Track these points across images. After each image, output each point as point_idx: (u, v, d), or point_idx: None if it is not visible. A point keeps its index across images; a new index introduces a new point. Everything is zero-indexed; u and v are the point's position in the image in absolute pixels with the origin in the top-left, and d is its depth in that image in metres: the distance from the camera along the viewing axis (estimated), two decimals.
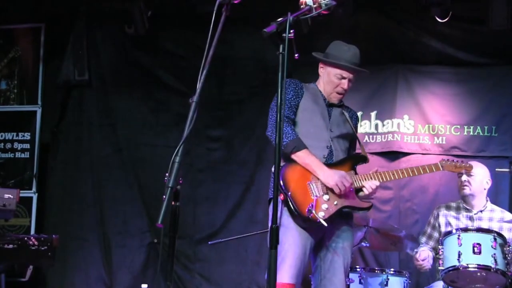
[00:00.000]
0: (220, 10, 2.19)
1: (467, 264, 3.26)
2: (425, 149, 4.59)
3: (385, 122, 4.71)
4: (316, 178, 2.79)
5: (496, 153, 4.55)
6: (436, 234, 3.85)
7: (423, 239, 3.85)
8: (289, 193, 2.74)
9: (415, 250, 3.74)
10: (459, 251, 3.29)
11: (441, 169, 3.09)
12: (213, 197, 4.87)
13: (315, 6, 2.32)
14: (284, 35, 2.17)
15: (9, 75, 5.22)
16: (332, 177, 2.76)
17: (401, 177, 2.94)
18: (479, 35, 4.64)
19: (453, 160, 3.19)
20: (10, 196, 3.64)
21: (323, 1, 2.32)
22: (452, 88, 4.70)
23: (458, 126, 4.62)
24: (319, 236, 2.83)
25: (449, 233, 3.44)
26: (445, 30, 4.63)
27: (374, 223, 3.65)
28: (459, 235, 3.34)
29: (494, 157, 4.54)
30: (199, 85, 2.10)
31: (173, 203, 1.99)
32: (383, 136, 4.70)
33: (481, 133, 4.59)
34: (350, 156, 2.98)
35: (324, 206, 2.75)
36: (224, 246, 4.46)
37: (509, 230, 3.72)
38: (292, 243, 2.75)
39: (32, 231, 4.92)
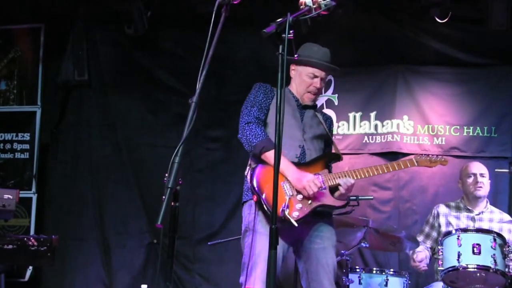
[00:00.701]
0: (219, 11, 2.20)
1: (467, 265, 3.26)
2: (424, 149, 4.58)
3: (384, 123, 4.71)
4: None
5: (496, 153, 4.55)
6: (434, 234, 3.85)
7: (421, 238, 3.85)
8: (263, 195, 2.70)
9: (412, 250, 3.73)
10: (459, 252, 3.28)
11: (415, 164, 3.04)
12: (212, 198, 4.86)
13: (314, 6, 2.32)
14: (283, 35, 2.17)
15: (9, 75, 5.22)
16: (300, 180, 2.72)
17: (376, 173, 2.88)
18: (478, 36, 4.64)
19: (428, 155, 3.12)
20: (9, 196, 3.64)
21: (323, 2, 2.32)
22: (452, 89, 4.70)
23: (458, 127, 4.62)
24: (294, 238, 2.80)
25: (448, 233, 3.44)
26: (445, 31, 4.63)
27: (374, 223, 3.65)
28: (458, 236, 3.33)
29: (493, 157, 4.54)
30: (198, 86, 2.10)
31: (172, 203, 1.99)
32: (382, 136, 4.69)
33: (480, 134, 4.59)
34: (323, 154, 2.95)
35: (298, 205, 2.73)
36: (224, 246, 4.46)
37: (509, 231, 3.73)
38: (263, 248, 2.67)
39: (32, 232, 4.91)
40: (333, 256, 2.83)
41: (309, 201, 2.75)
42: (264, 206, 2.70)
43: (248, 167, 2.88)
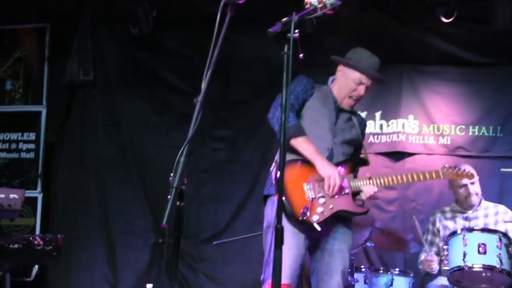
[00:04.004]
0: (225, 10, 2.19)
1: (472, 264, 3.27)
2: (430, 149, 4.58)
3: (390, 122, 4.70)
4: (313, 180, 2.73)
5: (501, 153, 4.54)
6: (437, 240, 3.85)
7: (426, 247, 3.82)
8: (285, 194, 2.68)
9: (421, 254, 3.72)
10: (464, 251, 3.29)
11: (441, 176, 3.03)
12: (217, 197, 4.86)
13: (320, 6, 2.30)
14: (289, 35, 2.16)
15: (14, 75, 5.23)
16: (327, 168, 2.70)
17: (400, 182, 2.88)
18: (484, 35, 4.62)
19: (455, 167, 3.14)
20: (15, 196, 3.63)
21: (328, 1, 2.30)
22: (457, 88, 4.69)
23: (463, 126, 4.61)
24: (315, 236, 2.79)
25: (454, 233, 3.44)
26: (450, 30, 4.61)
27: (379, 223, 3.65)
28: (464, 235, 3.34)
29: (499, 157, 4.53)
30: (204, 85, 2.09)
31: (177, 203, 1.99)
32: (387, 136, 4.69)
33: (486, 133, 4.57)
34: (350, 158, 2.91)
35: (319, 209, 2.70)
36: (229, 246, 4.46)
37: (504, 222, 3.70)
38: (286, 244, 2.68)
39: (37, 231, 4.92)
40: (346, 258, 2.82)
41: (331, 206, 2.73)
42: (285, 205, 2.68)
43: (274, 163, 2.84)
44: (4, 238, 3.50)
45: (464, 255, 3.28)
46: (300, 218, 2.65)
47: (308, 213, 2.64)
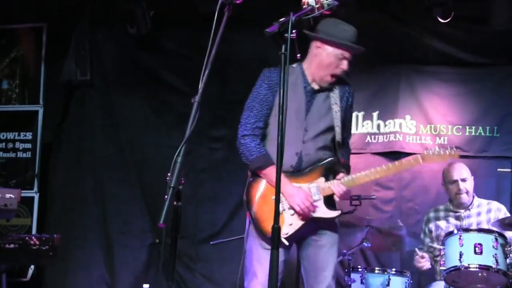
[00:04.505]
0: (222, 10, 2.19)
1: (468, 264, 3.27)
2: (426, 149, 4.56)
3: (387, 122, 4.70)
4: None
5: (498, 153, 4.54)
6: (427, 240, 3.85)
7: (420, 246, 3.84)
8: (253, 211, 2.66)
9: (416, 248, 3.73)
10: (461, 251, 3.29)
11: (421, 162, 2.78)
12: (215, 197, 4.86)
13: (317, 6, 2.31)
14: (286, 35, 2.16)
15: (11, 74, 5.22)
16: (293, 197, 2.62)
17: (374, 178, 2.75)
18: (481, 35, 4.63)
19: (435, 150, 2.83)
20: (11, 196, 3.63)
21: (325, 2, 2.31)
22: (454, 88, 4.69)
23: (460, 126, 4.61)
24: (296, 240, 2.73)
25: (450, 233, 3.45)
26: (447, 30, 4.62)
27: (376, 223, 3.65)
28: (460, 236, 3.34)
29: (496, 157, 4.53)
30: (201, 85, 2.10)
31: (175, 203, 1.98)
32: (385, 136, 4.69)
33: (483, 134, 4.58)
34: (321, 164, 2.74)
35: (289, 221, 2.65)
36: (226, 246, 4.45)
37: (497, 211, 3.71)
38: (260, 262, 2.65)
39: (34, 231, 4.91)
40: (332, 254, 2.75)
41: (301, 216, 2.67)
42: (254, 224, 2.66)
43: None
44: (0, 238, 3.49)
45: (461, 255, 3.27)
46: (270, 234, 2.57)
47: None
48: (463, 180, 3.78)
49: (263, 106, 2.75)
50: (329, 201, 2.74)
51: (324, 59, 2.73)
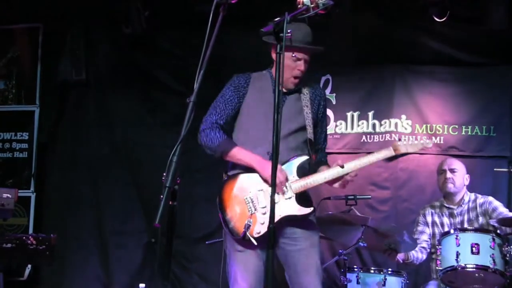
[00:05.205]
0: (217, 10, 2.19)
1: (465, 264, 3.27)
2: (422, 149, 4.58)
3: (382, 122, 4.70)
4: (254, 190, 2.64)
5: (495, 153, 4.55)
6: (427, 230, 3.91)
7: (416, 235, 3.88)
8: (225, 213, 2.64)
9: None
10: (457, 251, 3.30)
11: (393, 153, 2.76)
12: (210, 197, 4.82)
13: (312, 5, 2.30)
14: (281, 34, 2.16)
15: (8, 75, 5.21)
16: (268, 167, 2.47)
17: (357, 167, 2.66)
18: (477, 35, 4.64)
19: (405, 140, 2.81)
20: (8, 195, 3.63)
21: (321, 1, 2.30)
22: (450, 88, 4.69)
23: (456, 126, 4.61)
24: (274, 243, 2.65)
25: (447, 233, 3.45)
26: (443, 30, 4.62)
27: (372, 222, 3.65)
28: (457, 235, 3.35)
29: (492, 157, 4.54)
30: (196, 85, 2.10)
31: (170, 202, 1.98)
32: (380, 136, 4.69)
33: (479, 133, 4.59)
34: (294, 160, 2.70)
35: (261, 220, 2.60)
36: (222, 245, 4.45)
37: (493, 209, 3.74)
38: (240, 266, 2.64)
39: (30, 231, 4.91)
40: (313, 256, 2.69)
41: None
42: (224, 227, 2.65)
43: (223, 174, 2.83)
44: None
45: (457, 255, 3.28)
46: (242, 235, 2.59)
47: (248, 231, 2.57)
48: (452, 170, 3.84)
49: (227, 106, 2.78)
50: (302, 199, 2.70)
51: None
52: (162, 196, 1.90)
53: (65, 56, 4.97)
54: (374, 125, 4.72)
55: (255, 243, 2.59)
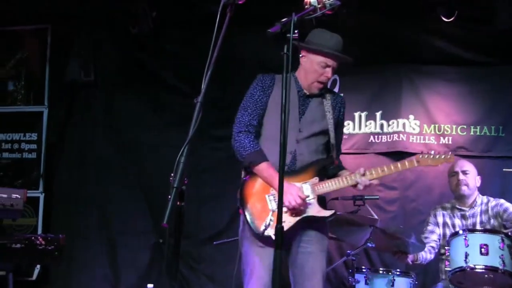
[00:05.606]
0: (224, 11, 2.19)
1: (474, 265, 3.25)
2: (430, 149, 4.52)
3: (390, 122, 4.68)
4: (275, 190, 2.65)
5: (504, 153, 4.52)
6: (437, 230, 3.88)
7: (425, 234, 3.86)
8: (246, 208, 2.67)
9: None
10: (466, 252, 3.27)
11: (415, 164, 2.81)
12: (217, 197, 4.85)
13: (319, 6, 2.30)
14: (288, 35, 2.16)
15: (16, 76, 5.24)
16: (285, 194, 2.49)
17: (374, 177, 2.72)
18: (485, 34, 4.60)
19: (431, 154, 2.87)
20: (17, 196, 3.65)
21: (328, 1, 2.30)
22: (458, 88, 4.66)
23: (465, 126, 4.59)
24: (286, 243, 2.68)
25: (455, 234, 3.43)
26: (451, 30, 4.59)
27: (380, 223, 3.63)
28: (465, 236, 3.32)
29: (501, 157, 4.51)
30: (204, 86, 2.10)
31: (178, 203, 1.98)
32: (388, 136, 4.67)
33: (488, 133, 4.56)
34: (315, 161, 2.78)
35: (283, 218, 2.60)
36: (229, 246, 4.45)
37: (505, 210, 3.72)
38: (255, 262, 2.68)
39: (39, 231, 4.94)
40: (321, 260, 2.74)
41: (294, 214, 2.67)
42: (247, 222, 2.67)
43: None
44: (6, 238, 3.51)
45: (466, 256, 3.26)
46: (261, 232, 2.62)
47: (268, 228, 2.61)
48: (464, 172, 3.82)
49: (257, 106, 2.81)
50: (322, 201, 2.76)
51: (308, 67, 2.82)
52: (170, 197, 1.90)
53: (73, 57, 4.98)
54: (382, 125, 4.70)
55: (273, 237, 2.52)
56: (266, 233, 2.63)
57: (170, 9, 4.88)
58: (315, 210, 2.71)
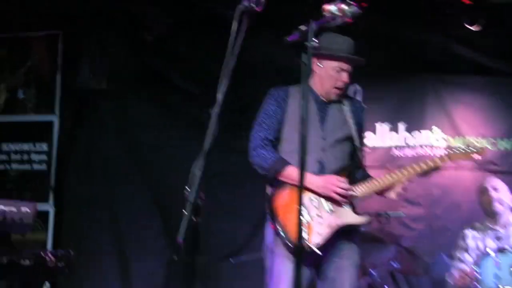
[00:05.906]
0: (241, 18, 2.10)
1: None
2: (457, 163, 4.38)
3: (413, 134, 4.56)
4: (307, 200, 2.61)
5: None
6: (467, 256, 3.66)
7: (457, 263, 3.66)
8: (277, 222, 2.59)
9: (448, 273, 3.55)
10: (497, 274, 3.14)
11: (446, 159, 2.72)
12: (236, 211, 4.71)
13: (339, 14, 2.19)
14: (307, 43, 2.08)
15: (26, 84, 5.16)
16: (325, 187, 2.59)
17: (404, 177, 2.65)
18: None
19: (460, 147, 2.82)
20: (27, 210, 3.56)
21: (348, 9, 2.20)
22: (485, 99, 4.54)
23: (493, 139, 4.44)
24: (314, 259, 2.62)
25: (486, 254, 3.28)
26: (477, 38, 4.45)
27: (406, 242, 3.45)
28: (497, 257, 3.19)
29: None
30: (220, 96, 2.00)
31: (194, 218, 1.89)
32: (412, 149, 4.55)
33: None
34: (342, 168, 2.72)
35: (318, 229, 2.57)
36: (247, 263, 4.31)
37: None
38: (283, 270, 2.59)
39: (49, 246, 4.83)
40: (352, 275, 2.66)
41: (330, 224, 2.59)
42: (281, 235, 2.58)
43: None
44: (14, 253, 3.41)
45: (498, 278, 3.12)
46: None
47: (306, 239, 2.52)
48: (494, 188, 3.68)
49: (273, 120, 2.77)
50: (354, 208, 2.69)
51: (323, 73, 2.78)
52: (185, 212, 1.83)
53: (84, 63, 4.91)
54: (405, 138, 4.57)
55: (319, 253, 2.54)
56: (305, 246, 2.51)
57: (182, 13, 4.80)
58: (351, 217, 2.63)
